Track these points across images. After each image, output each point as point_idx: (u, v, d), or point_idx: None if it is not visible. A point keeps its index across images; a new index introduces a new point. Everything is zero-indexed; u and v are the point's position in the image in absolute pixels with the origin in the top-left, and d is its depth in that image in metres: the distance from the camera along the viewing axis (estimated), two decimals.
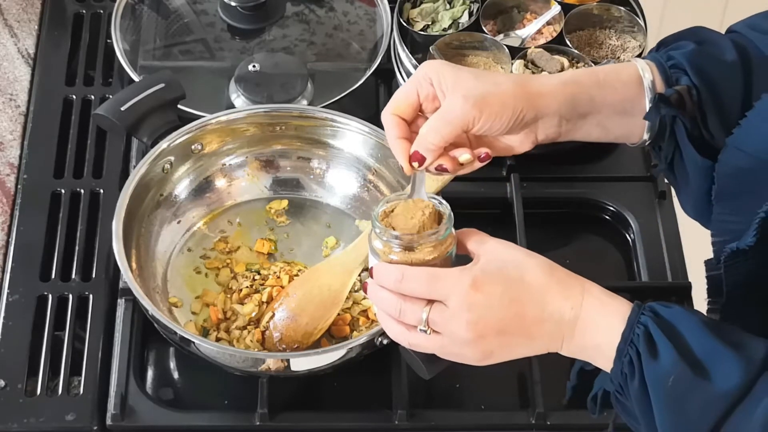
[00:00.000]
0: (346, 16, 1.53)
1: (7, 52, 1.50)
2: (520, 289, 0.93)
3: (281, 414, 1.19)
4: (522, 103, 1.01)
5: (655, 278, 1.32)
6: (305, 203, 1.35)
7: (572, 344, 0.93)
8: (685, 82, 1.03)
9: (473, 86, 1.00)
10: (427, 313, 0.94)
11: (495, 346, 0.94)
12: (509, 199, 1.37)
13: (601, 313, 0.92)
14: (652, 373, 0.88)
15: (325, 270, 1.23)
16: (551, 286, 0.94)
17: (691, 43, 1.05)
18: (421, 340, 0.96)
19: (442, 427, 1.21)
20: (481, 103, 0.99)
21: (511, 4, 1.50)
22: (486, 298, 0.92)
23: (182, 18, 1.53)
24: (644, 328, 0.90)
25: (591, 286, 0.94)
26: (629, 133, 1.06)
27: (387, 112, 1.02)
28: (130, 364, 1.21)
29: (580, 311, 0.93)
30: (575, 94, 1.03)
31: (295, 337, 1.19)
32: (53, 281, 1.29)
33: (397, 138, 1.01)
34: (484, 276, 0.93)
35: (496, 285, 0.93)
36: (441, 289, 0.94)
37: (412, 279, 0.95)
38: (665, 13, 2.54)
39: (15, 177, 1.38)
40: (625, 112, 1.05)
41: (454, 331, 0.93)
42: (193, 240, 1.31)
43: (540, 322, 0.93)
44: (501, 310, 0.92)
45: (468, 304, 0.92)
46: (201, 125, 1.29)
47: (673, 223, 1.36)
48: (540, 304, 0.93)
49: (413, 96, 1.02)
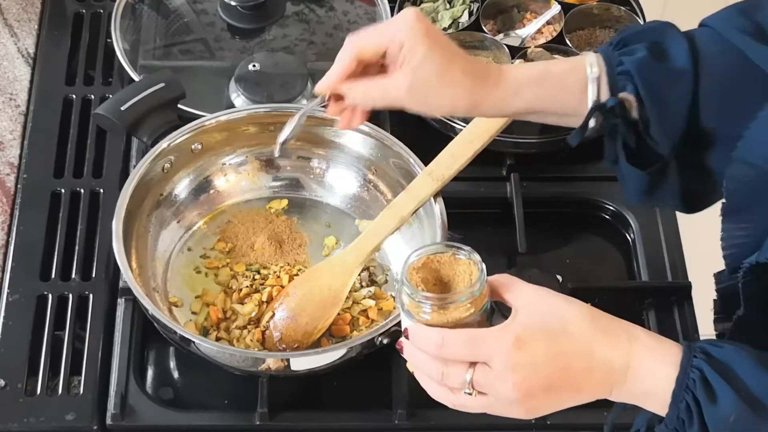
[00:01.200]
0: (346, 16, 1.53)
1: (7, 51, 1.50)
2: (565, 342, 0.90)
3: (281, 414, 1.19)
4: (462, 108, 1.05)
5: (655, 278, 1.32)
6: (305, 203, 1.35)
7: (623, 392, 0.91)
8: (630, 91, 1.03)
9: (427, 79, 1.02)
10: (471, 375, 0.90)
11: (542, 401, 0.91)
12: (509, 199, 1.37)
13: (651, 360, 0.90)
14: (713, 417, 0.87)
15: (325, 270, 1.23)
16: (596, 336, 0.90)
17: (644, 48, 1.04)
18: (467, 401, 0.93)
19: (442, 427, 1.21)
20: (425, 97, 1.02)
21: (511, 4, 1.50)
22: (530, 356, 0.89)
23: (182, 18, 1.53)
24: (699, 372, 0.88)
25: (637, 331, 0.92)
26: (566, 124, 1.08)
27: (351, 44, 1.04)
28: (130, 363, 1.21)
29: (629, 359, 0.90)
30: (516, 107, 1.05)
31: (295, 336, 1.19)
32: (53, 281, 1.29)
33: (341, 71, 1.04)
34: (525, 333, 0.90)
35: (540, 341, 0.89)
36: (483, 351, 0.90)
37: (453, 344, 0.90)
38: (665, 13, 2.55)
39: (15, 177, 1.38)
40: (570, 114, 1.06)
41: (500, 391, 0.90)
42: (193, 240, 1.31)
43: (589, 373, 0.90)
44: (546, 366, 0.89)
45: (513, 365, 0.89)
46: (201, 125, 1.29)
47: (673, 223, 1.36)
48: (586, 355, 0.90)
49: (381, 49, 1.04)
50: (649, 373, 0.89)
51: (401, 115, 1.43)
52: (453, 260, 0.93)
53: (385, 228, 1.21)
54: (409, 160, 1.26)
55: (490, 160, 1.35)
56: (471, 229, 1.37)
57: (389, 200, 1.30)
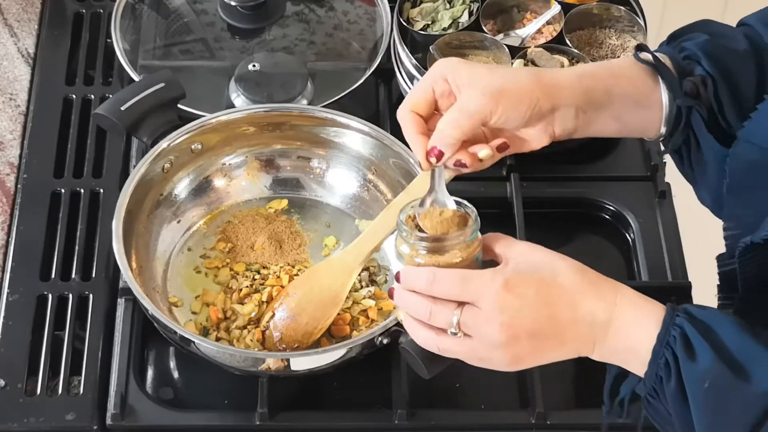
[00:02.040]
0: (346, 16, 1.53)
1: (7, 51, 1.50)
2: (553, 291, 0.92)
3: (281, 414, 1.19)
4: (538, 94, 1.00)
5: (655, 278, 1.32)
6: (305, 203, 1.35)
7: (605, 347, 0.92)
8: (699, 72, 1.03)
9: (489, 80, 1.00)
10: (459, 316, 0.92)
11: (526, 349, 0.92)
12: (509, 199, 1.37)
13: (635, 316, 0.91)
14: (690, 374, 0.88)
15: (325, 270, 1.22)
16: (584, 287, 0.92)
17: (703, 34, 1.05)
18: (451, 344, 0.94)
19: (442, 427, 1.21)
20: (498, 95, 0.99)
21: (511, 4, 1.50)
22: (519, 299, 0.91)
23: (182, 18, 1.53)
24: (680, 329, 0.89)
25: (624, 288, 0.93)
26: (646, 126, 1.06)
27: (404, 109, 1.02)
28: (130, 363, 1.21)
29: (613, 313, 0.91)
30: (591, 86, 1.03)
31: (295, 336, 1.19)
32: (53, 281, 1.29)
33: (415, 134, 1.01)
34: (516, 277, 0.92)
35: (529, 286, 0.91)
36: (473, 290, 0.92)
37: (443, 280, 0.93)
38: (665, 12, 2.55)
39: (15, 177, 1.38)
40: (641, 104, 1.05)
41: (486, 333, 0.92)
42: (193, 240, 1.31)
43: (573, 324, 0.91)
44: (534, 311, 0.91)
45: (500, 306, 0.91)
46: (201, 125, 1.29)
47: (673, 223, 1.36)
48: (573, 305, 0.92)
49: (429, 93, 1.02)
50: (632, 328, 0.91)
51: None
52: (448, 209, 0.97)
53: (385, 228, 1.21)
54: (409, 160, 1.26)
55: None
56: None
57: (389, 200, 1.30)
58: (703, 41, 1.04)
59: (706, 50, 1.03)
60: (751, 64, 1.04)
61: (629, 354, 0.92)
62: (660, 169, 1.40)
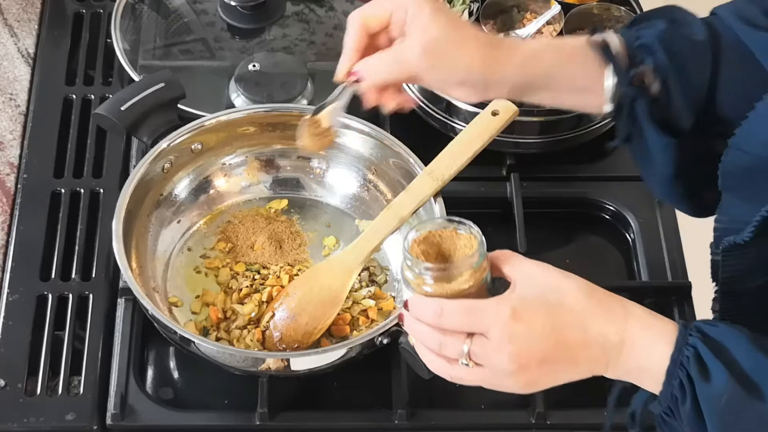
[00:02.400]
0: (346, 16, 1.53)
1: (7, 51, 1.50)
2: (561, 315, 0.91)
3: (281, 414, 1.19)
4: (477, 69, 1.02)
5: (655, 278, 1.32)
6: (305, 203, 1.35)
7: (618, 367, 0.91)
8: (649, 63, 1.02)
9: (439, 39, 1.01)
10: (468, 347, 0.91)
11: (538, 374, 0.91)
12: (509, 199, 1.37)
13: (647, 336, 0.90)
14: (705, 394, 0.87)
15: (325, 270, 1.22)
16: (593, 309, 0.91)
17: (662, 22, 1.04)
18: (463, 373, 0.93)
19: (442, 427, 1.21)
20: (439, 59, 1.01)
21: (511, 4, 1.50)
22: (527, 327, 0.90)
23: (182, 18, 1.53)
24: (693, 349, 0.88)
25: (633, 307, 0.92)
26: (584, 106, 1.07)
27: (356, 17, 1.05)
28: (130, 363, 1.21)
29: (625, 334, 0.90)
30: (533, 71, 1.04)
31: (295, 336, 1.19)
32: (53, 281, 1.29)
33: (352, 47, 1.05)
34: (523, 304, 0.91)
35: (537, 313, 0.90)
36: (481, 321, 0.91)
37: (451, 314, 0.91)
38: None
39: (15, 177, 1.38)
40: (584, 89, 1.05)
41: (496, 363, 0.91)
42: (193, 240, 1.31)
43: (584, 347, 0.90)
44: (543, 339, 0.90)
45: (509, 336, 0.89)
46: (201, 125, 1.29)
47: (673, 223, 1.36)
48: (582, 328, 0.90)
49: (386, 15, 1.04)
50: (644, 348, 0.90)
51: (401, 115, 1.44)
52: (454, 234, 0.95)
53: (385, 228, 1.21)
54: (409, 160, 1.26)
55: (490, 160, 1.35)
56: None
57: (389, 200, 1.30)
58: (661, 30, 1.03)
59: (662, 40, 1.02)
60: (707, 55, 1.02)
61: (643, 373, 0.91)
62: None
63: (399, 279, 1.27)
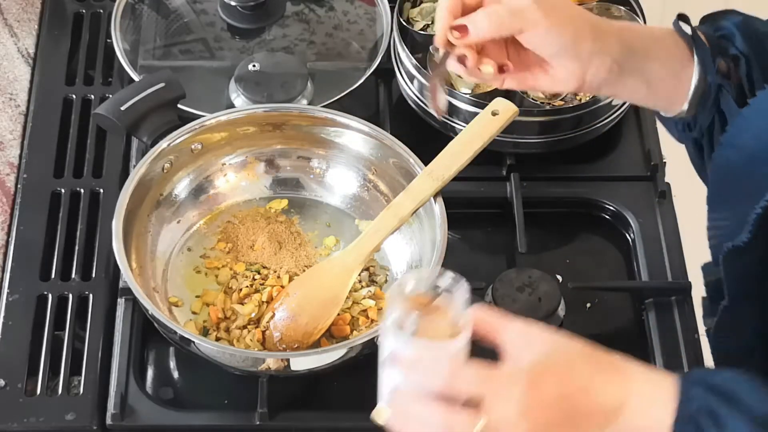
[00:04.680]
0: (346, 16, 1.53)
1: (7, 51, 1.50)
2: (571, 384, 0.87)
3: (281, 414, 1.19)
4: (585, 30, 0.99)
5: (655, 278, 1.32)
6: (305, 203, 1.35)
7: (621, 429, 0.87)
8: (732, 52, 1.02)
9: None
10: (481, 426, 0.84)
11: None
12: (509, 199, 1.37)
13: (647, 394, 0.87)
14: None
15: (325, 270, 1.23)
16: (596, 374, 0.88)
17: (736, 15, 1.05)
18: None
19: None
20: (550, 9, 0.97)
21: None
22: (541, 398, 0.85)
23: (182, 17, 1.53)
24: (702, 403, 0.85)
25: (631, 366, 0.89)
26: (673, 98, 1.05)
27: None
28: (130, 363, 1.21)
29: (626, 397, 0.87)
30: (632, 42, 1.02)
31: (295, 336, 1.19)
32: (53, 281, 1.29)
33: (447, 9, 0.98)
34: (536, 371, 0.86)
35: (551, 381, 0.86)
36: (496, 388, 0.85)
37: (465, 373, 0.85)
38: (665, 13, 2.54)
39: (15, 177, 1.38)
40: (674, 75, 1.04)
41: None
42: (193, 240, 1.31)
43: (588, 416, 0.87)
44: (554, 409, 0.86)
45: (526, 407, 0.84)
46: (201, 125, 1.29)
47: (673, 223, 1.36)
48: (589, 396, 0.87)
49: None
50: (648, 408, 0.87)
51: (401, 115, 1.44)
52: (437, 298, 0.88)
53: (385, 228, 1.21)
54: (409, 160, 1.26)
55: (490, 160, 1.35)
56: (471, 229, 1.37)
57: (389, 200, 1.29)
58: (739, 20, 1.03)
59: (741, 29, 1.03)
60: None
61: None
62: (660, 169, 1.40)
63: (399, 279, 1.27)
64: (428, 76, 1.27)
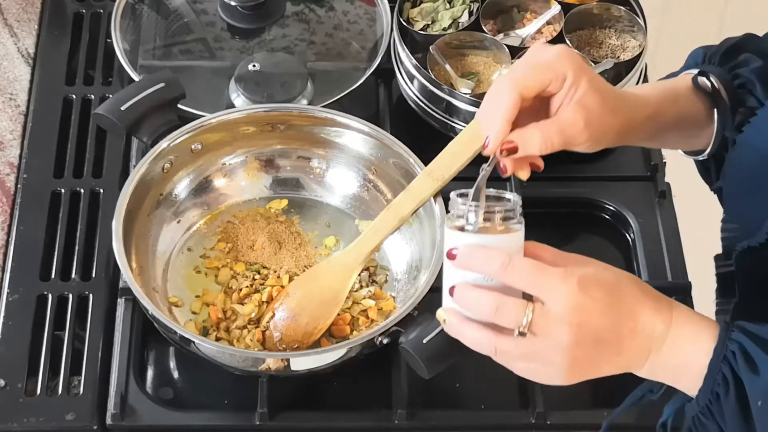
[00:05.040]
0: (346, 16, 1.53)
1: (7, 51, 1.50)
2: (619, 297, 0.88)
3: (281, 414, 1.19)
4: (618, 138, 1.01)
5: (655, 278, 1.32)
6: (305, 203, 1.35)
7: (657, 362, 0.89)
8: (751, 104, 1.03)
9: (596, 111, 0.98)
10: (530, 315, 0.86)
11: (586, 355, 0.88)
12: None
13: (690, 331, 0.89)
14: (755, 389, 0.86)
15: (325, 270, 1.23)
16: (645, 298, 0.90)
17: (757, 58, 1.05)
18: (511, 345, 0.88)
19: (442, 427, 1.21)
20: (597, 131, 0.98)
21: (511, 4, 1.50)
22: (592, 301, 0.87)
23: (182, 17, 1.53)
24: (738, 344, 0.87)
25: (678, 304, 0.92)
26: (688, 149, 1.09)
27: (512, 85, 0.96)
28: (130, 363, 1.21)
29: (669, 328, 0.89)
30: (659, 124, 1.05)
31: (295, 336, 1.19)
32: (53, 281, 1.29)
33: (506, 118, 0.96)
34: (587, 278, 0.87)
35: (600, 289, 0.88)
36: (548, 283, 0.87)
37: (520, 268, 0.87)
38: (665, 12, 2.54)
39: (15, 177, 1.38)
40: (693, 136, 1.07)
41: (556, 334, 0.86)
42: (193, 240, 1.31)
43: (632, 335, 0.88)
44: (603, 317, 0.87)
45: (574, 306, 0.86)
46: (201, 125, 1.29)
47: (673, 223, 1.36)
48: (634, 316, 0.89)
49: (545, 85, 0.98)
50: (688, 344, 0.89)
51: (401, 115, 1.44)
52: None
53: (385, 228, 1.21)
54: (409, 160, 1.26)
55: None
56: None
57: (389, 200, 1.30)
58: (759, 67, 1.04)
59: (761, 77, 1.03)
60: None
61: (681, 370, 0.90)
62: (660, 169, 1.40)
63: (399, 279, 1.27)
64: None
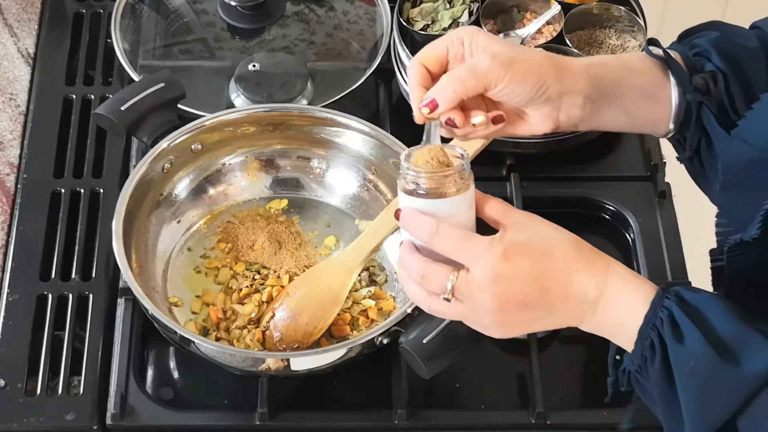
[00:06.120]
0: (346, 16, 1.53)
1: (7, 51, 1.50)
2: (548, 264, 0.92)
3: (281, 414, 1.19)
4: (548, 74, 1.00)
5: (655, 278, 1.31)
6: (305, 203, 1.35)
7: (593, 322, 0.93)
8: (709, 68, 1.03)
9: (502, 49, 0.99)
10: (453, 282, 0.92)
11: (515, 318, 0.92)
12: (509, 199, 1.37)
13: (624, 294, 0.92)
14: (678, 356, 0.89)
15: (325, 270, 1.23)
16: (578, 262, 0.93)
17: (713, 32, 1.05)
18: (442, 307, 0.94)
19: (442, 427, 1.21)
20: (508, 63, 0.98)
21: (511, 4, 1.50)
22: (515, 270, 0.91)
23: (182, 17, 1.53)
24: (668, 311, 0.89)
25: (615, 265, 0.94)
26: (655, 120, 1.06)
27: (415, 61, 1.01)
28: (130, 363, 1.21)
29: (604, 290, 0.92)
30: (600, 74, 1.03)
31: (295, 336, 1.19)
32: (53, 281, 1.29)
33: (417, 84, 1.00)
34: (513, 247, 0.91)
35: (525, 257, 0.91)
36: (472, 253, 0.91)
37: (446, 236, 0.92)
38: (665, 12, 2.55)
39: (15, 177, 1.38)
40: (651, 98, 1.05)
41: (478, 300, 0.91)
42: (193, 240, 1.31)
43: (563, 300, 0.92)
44: (527, 284, 0.91)
45: (495, 275, 0.90)
46: (201, 125, 1.29)
47: (673, 223, 1.36)
48: (566, 280, 0.92)
49: (442, 51, 1.01)
50: (621, 306, 0.92)
51: (401, 115, 1.44)
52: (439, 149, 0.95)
53: (385, 228, 1.21)
54: None
55: (490, 160, 1.35)
56: None
57: (389, 200, 1.30)
58: (714, 37, 1.04)
59: (717, 46, 1.03)
60: (763, 61, 1.04)
61: (617, 330, 0.93)
62: (660, 169, 1.40)
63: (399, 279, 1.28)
64: None
